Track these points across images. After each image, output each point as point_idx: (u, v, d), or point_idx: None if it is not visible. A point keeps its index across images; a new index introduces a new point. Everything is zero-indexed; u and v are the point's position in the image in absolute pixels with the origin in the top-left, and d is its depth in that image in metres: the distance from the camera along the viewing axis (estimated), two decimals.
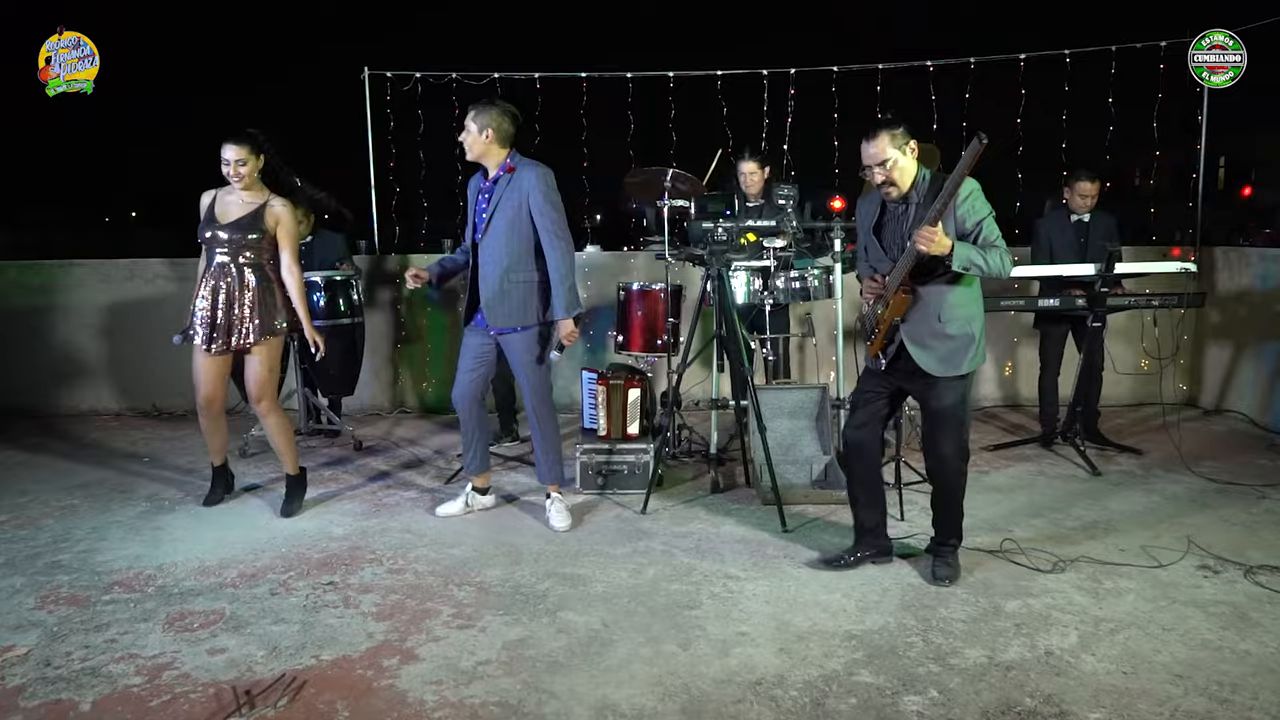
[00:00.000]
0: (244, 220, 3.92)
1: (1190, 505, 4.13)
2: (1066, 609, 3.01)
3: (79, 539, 3.82)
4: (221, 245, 3.91)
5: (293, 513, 4.08)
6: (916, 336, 3.16)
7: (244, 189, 3.93)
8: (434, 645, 2.80)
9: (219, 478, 4.31)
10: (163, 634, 2.90)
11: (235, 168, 3.88)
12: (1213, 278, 6.05)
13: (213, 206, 3.97)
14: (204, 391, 4.01)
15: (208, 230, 3.93)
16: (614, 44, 31.41)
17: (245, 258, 3.93)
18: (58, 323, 6.44)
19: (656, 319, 4.94)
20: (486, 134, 3.71)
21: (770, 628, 2.90)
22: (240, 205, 3.94)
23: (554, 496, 4.00)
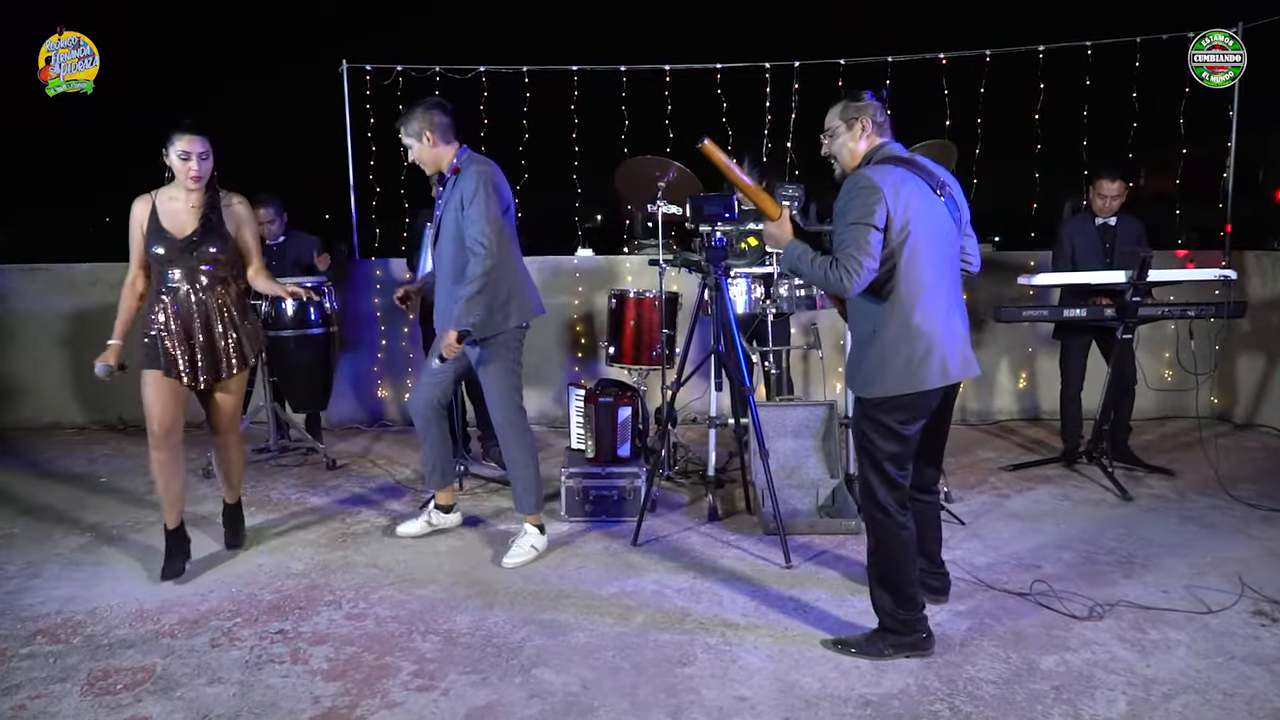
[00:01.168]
0: (203, 230, 3.29)
1: (1234, 536, 3.76)
2: (1110, 667, 2.65)
3: (9, 575, 3.47)
4: (178, 263, 3.28)
5: (241, 543, 3.68)
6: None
7: (192, 190, 3.29)
8: (388, 714, 2.44)
9: (178, 543, 3.46)
10: (80, 698, 2.54)
11: (198, 164, 3.23)
12: (1244, 284, 5.68)
13: (156, 217, 3.28)
14: (163, 420, 3.30)
15: (159, 246, 3.26)
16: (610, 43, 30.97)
17: (210, 275, 3.32)
18: (18, 330, 6.08)
19: (651, 329, 4.59)
20: (426, 137, 3.41)
21: (773, 690, 2.54)
22: (190, 212, 3.30)
23: (527, 529, 3.62)
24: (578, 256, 6.36)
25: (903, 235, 2.55)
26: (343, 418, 6.03)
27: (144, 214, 3.30)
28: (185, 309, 3.30)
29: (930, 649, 2.72)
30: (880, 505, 2.71)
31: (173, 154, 3.23)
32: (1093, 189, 4.73)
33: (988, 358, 5.96)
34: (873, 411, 2.69)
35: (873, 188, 2.53)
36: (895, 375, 2.61)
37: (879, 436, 2.68)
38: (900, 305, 2.60)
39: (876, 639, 2.74)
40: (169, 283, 3.31)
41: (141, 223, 3.30)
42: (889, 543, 2.72)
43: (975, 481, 4.61)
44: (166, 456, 3.35)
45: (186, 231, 3.28)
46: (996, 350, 5.98)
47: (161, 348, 3.29)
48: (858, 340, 2.74)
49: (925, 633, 2.73)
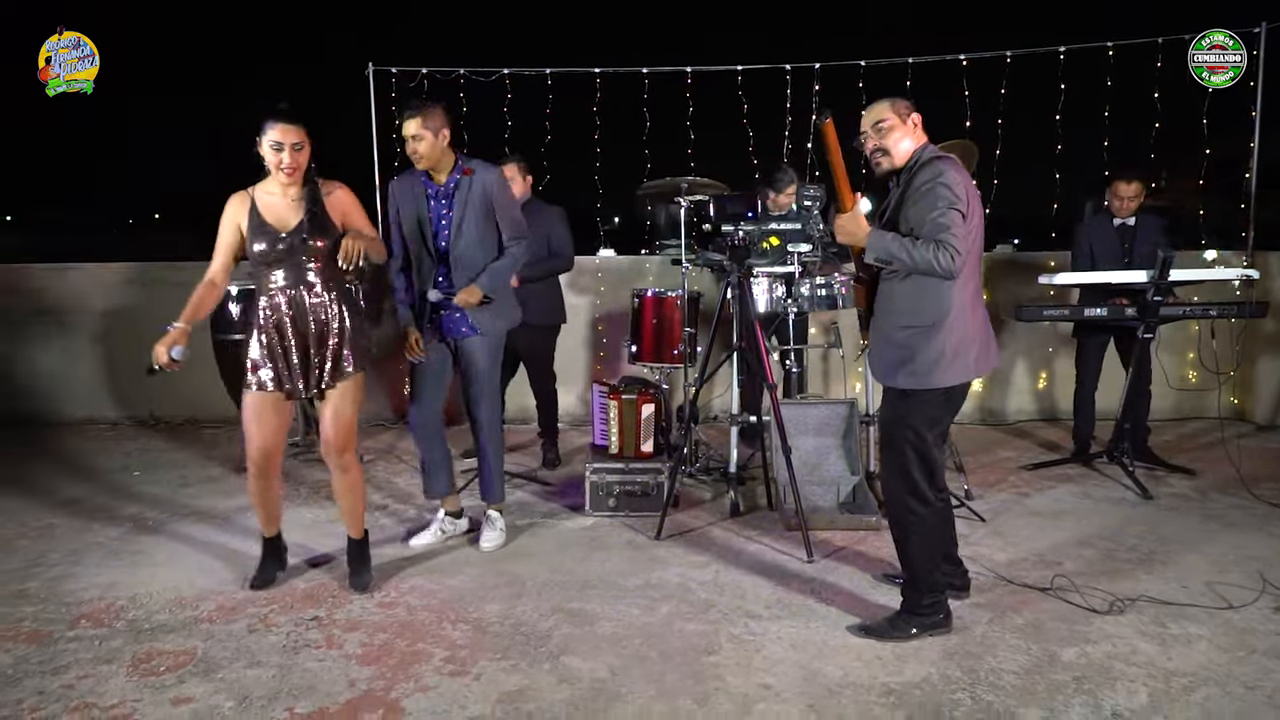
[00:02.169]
0: (309, 224, 3.05)
1: (1256, 534, 3.77)
2: (1131, 659, 2.68)
3: (53, 563, 3.57)
4: (284, 261, 3.03)
5: (366, 585, 3.26)
6: (873, 334, 2.90)
7: (287, 184, 3.06)
8: (422, 696, 2.51)
9: (273, 553, 3.36)
10: (125, 678, 2.63)
11: (290, 155, 2.98)
12: (1268, 284, 5.67)
13: (256, 213, 3.05)
14: (263, 444, 3.09)
15: (261, 243, 3.01)
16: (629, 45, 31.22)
17: (317, 272, 3.06)
18: (51, 328, 6.22)
19: (673, 328, 4.65)
20: (442, 135, 3.47)
21: (797, 678, 2.59)
22: (291, 206, 3.06)
23: (492, 515, 3.78)
24: (599, 257, 6.43)
25: (969, 228, 2.64)
26: (367, 415, 6.13)
27: (242, 211, 3.07)
28: (291, 311, 3.05)
29: (950, 627, 2.83)
30: (923, 498, 2.77)
31: (265, 144, 2.98)
32: (1110, 191, 4.75)
33: (1007, 358, 5.98)
34: (923, 403, 2.74)
35: (956, 180, 2.62)
36: (959, 366, 2.70)
37: (926, 428, 2.75)
38: (961, 297, 2.69)
39: (901, 622, 2.82)
40: (273, 284, 3.05)
41: (238, 220, 3.07)
42: (929, 531, 2.80)
43: (995, 480, 4.63)
44: (263, 484, 3.17)
45: (290, 226, 3.05)
46: (1016, 350, 6.00)
47: (262, 361, 3.06)
48: (910, 332, 2.73)
49: (945, 613, 2.84)
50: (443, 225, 3.56)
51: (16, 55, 6.00)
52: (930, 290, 2.69)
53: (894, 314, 2.79)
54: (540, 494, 4.47)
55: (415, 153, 3.46)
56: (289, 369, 3.04)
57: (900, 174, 2.80)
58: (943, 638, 2.82)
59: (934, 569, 2.83)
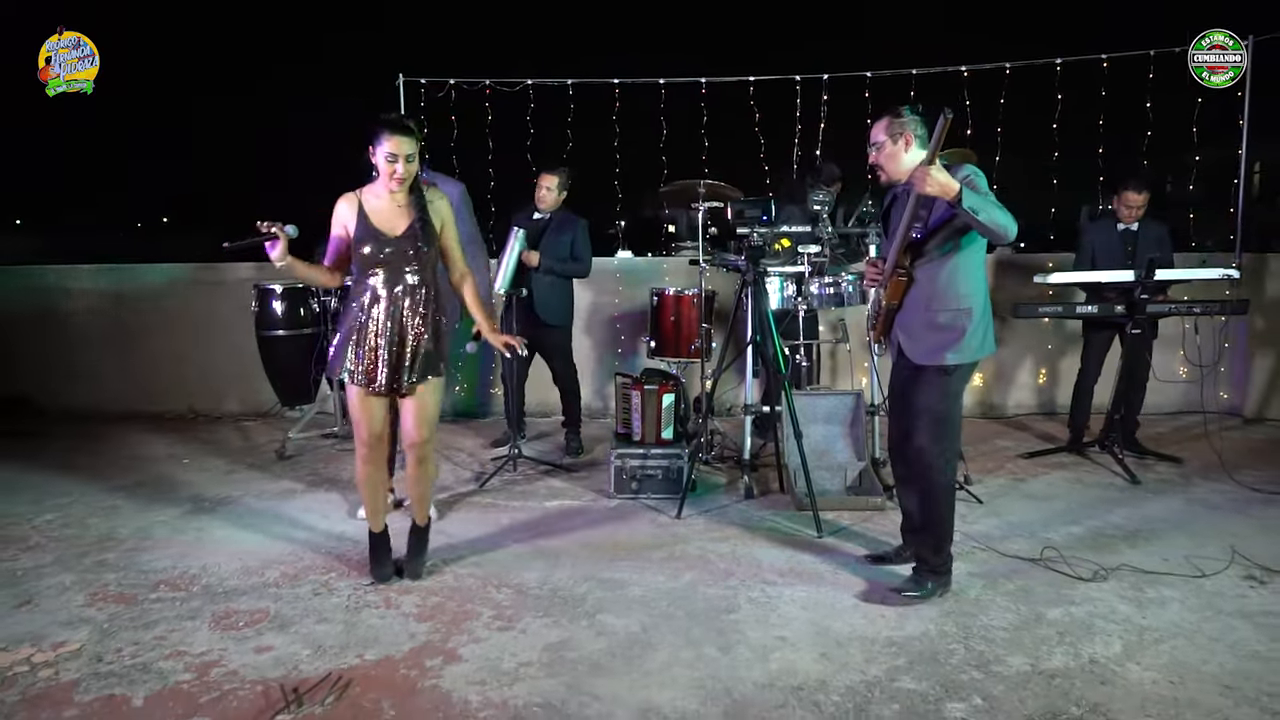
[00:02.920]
0: (418, 229, 3.18)
1: (1233, 514, 4.07)
2: (1110, 618, 2.98)
3: (124, 538, 3.89)
4: (387, 263, 3.17)
5: (419, 573, 3.41)
6: (907, 324, 3.16)
7: (395, 191, 3.17)
8: (475, 646, 2.82)
9: (383, 545, 3.42)
10: (209, 632, 2.95)
11: (403, 166, 3.09)
12: (1257, 284, 5.96)
13: (365, 215, 3.17)
14: (371, 429, 3.23)
15: (368, 246, 3.15)
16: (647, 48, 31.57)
17: (415, 275, 3.20)
18: (91, 326, 6.56)
19: (690, 324, 4.96)
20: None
21: (810, 633, 2.90)
22: (398, 211, 3.19)
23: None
24: (618, 258, 6.74)
25: None
26: None
27: (350, 214, 3.19)
28: (387, 312, 3.18)
29: (950, 586, 3.21)
30: (952, 465, 3.15)
31: (379, 154, 3.09)
32: (1118, 199, 5.02)
33: (1008, 354, 6.28)
34: (962, 377, 3.12)
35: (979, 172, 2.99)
36: (989, 341, 3.11)
37: (956, 401, 3.14)
38: (984, 281, 3.11)
39: (921, 579, 3.18)
40: (372, 284, 3.19)
41: (347, 221, 3.19)
42: (950, 498, 3.17)
43: (993, 467, 4.93)
44: (372, 470, 3.31)
45: (399, 230, 3.18)
46: (1017, 347, 6.29)
47: (362, 356, 3.18)
48: (953, 313, 3.05)
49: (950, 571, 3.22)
50: None
51: (16, 55, 6.05)
52: (965, 275, 3.06)
53: (936, 299, 3.07)
54: (567, 479, 4.78)
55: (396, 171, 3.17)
56: (378, 365, 3.16)
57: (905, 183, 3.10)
58: (939, 600, 3.12)
59: (951, 529, 3.20)
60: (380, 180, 3.16)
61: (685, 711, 2.43)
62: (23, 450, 5.52)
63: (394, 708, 2.46)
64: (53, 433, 5.96)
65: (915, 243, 3.09)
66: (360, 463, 3.29)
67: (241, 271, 6.61)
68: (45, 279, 6.68)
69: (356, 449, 3.28)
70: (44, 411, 6.52)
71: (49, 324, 6.56)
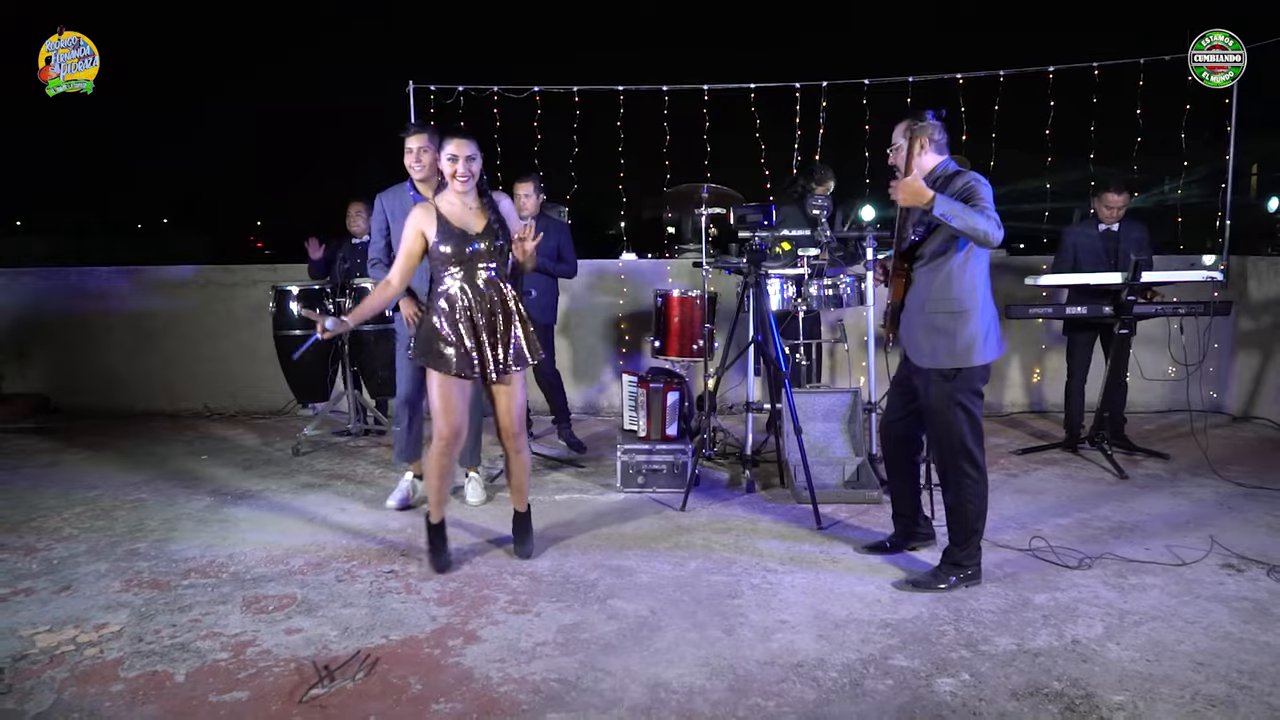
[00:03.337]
0: (492, 228, 3.39)
1: (1215, 508, 4.24)
2: (1093, 602, 3.15)
3: (152, 529, 4.06)
4: (465, 261, 3.36)
5: (531, 552, 3.66)
6: (908, 324, 3.33)
7: (463, 192, 3.40)
8: (494, 628, 2.99)
9: (440, 535, 3.58)
10: (241, 615, 3.12)
11: (464, 165, 3.31)
12: (1243, 286, 6.14)
13: (443, 218, 3.37)
14: (452, 421, 3.40)
15: (447, 245, 3.33)
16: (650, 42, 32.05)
17: (491, 270, 3.40)
18: (114, 325, 6.73)
19: (693, 325, 5.12)
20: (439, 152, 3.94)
21: (809, 616, 3.07)
22: (471, 212, 3.40)
23: (473, 476, 4.48)
24: (622, 260, 6.91)
25: None
26: None
27: (428, 219, 3.36)
28: (470, 305, 3.36)
29: (980, 581, 3.32)
30: (976, 463, 3.27)
31: (442, 157, 3.34)
32: (1099, 200, 5.21)
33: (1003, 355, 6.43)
34: (967, 379, 3.24)
35: (986, 182, 3.17)
36: (992, 344, 3.26)
37: (971, 401, 3.25)
38: (985, 287, 3.26)
39: (945, 573, 3.30)
40: (452, 281, 3.37)
41: (423, 228, 3.36)
42: (984, 493, 3.30)
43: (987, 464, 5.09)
44: (448, 462, 3.48)
45: (476, 230, 3.38)
46: (1010, 348, 6.46)
47: (448, 346, 3.35)
48: (949, 315, 3.20)
49: (977, 568, 3.33)
50: None
51: (16, 55, 6.13)
52: (960, 279, 3.21)
53: (931, 302, 3.24)
54: (573, 474, 4.95)
55: (420, 164, 3.93)
56: (466, 355, 3.35)
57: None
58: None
59: (982, 530, 3.31)
60: (446, 181, 3.39)
61: (693, 686, 2.60)
62: (46, 447, 5.70)
63: (420, 682, 2.63)
64: (73, 430, 6.13)
65: (914, 244, 3.27)
66: (436, 455, 3.43)
67: (255, 273, 6.79)
68: (67, 280, 6.85)
69: (435, 441, 3.43)
70: (62, 410, 6.70)
71: (67, 324, 6.74)
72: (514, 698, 2.54)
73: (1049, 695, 2.52)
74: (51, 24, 5.53)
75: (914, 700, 2.51)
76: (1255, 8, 7.42)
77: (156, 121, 50.36)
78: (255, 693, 2.58)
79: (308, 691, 2.57)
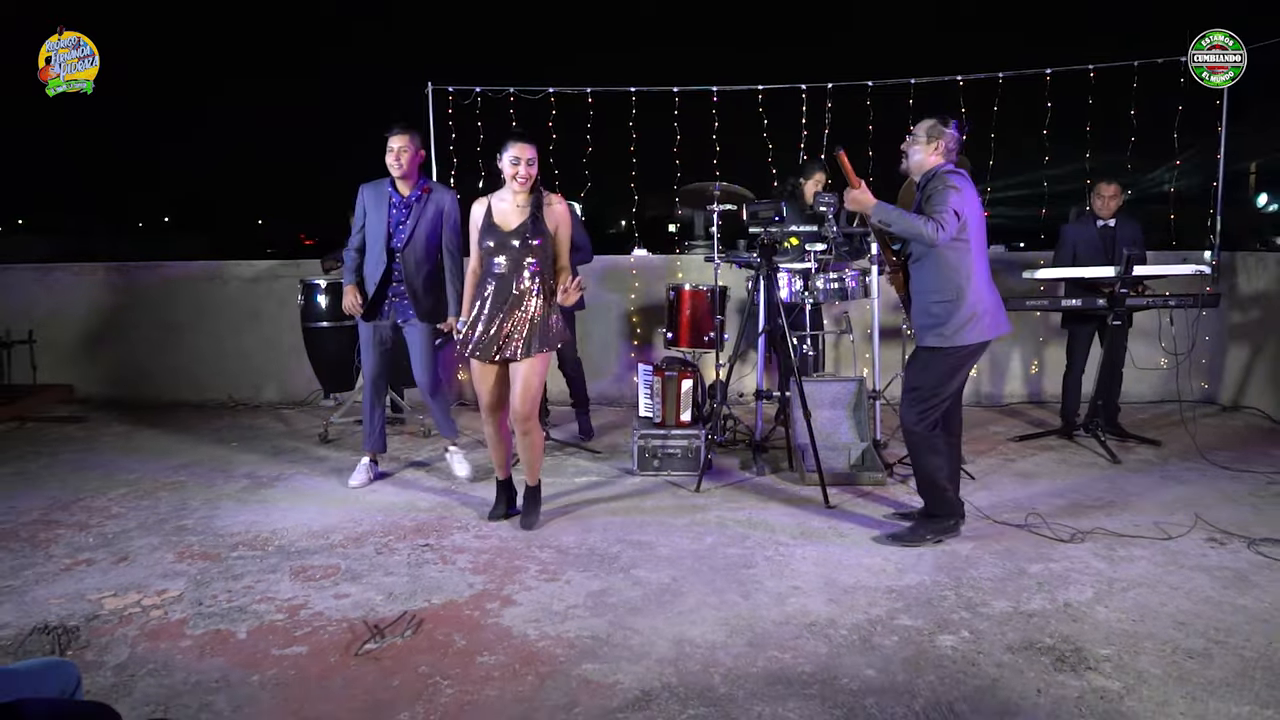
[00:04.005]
0: (525, 225, 3.71)
1: (1203, 489, 4.47)
2: (1084, 571, 3.38)
3: (195, 508, 4.29)
4: (506, 254, 3.70)
5: (532, 524, 3.94)
6: (914, 310, 3.71)
7: (519, 191, 3.71)
8: (528, 593, 3.23)
9: (504, 492, 4.09)
10: (291, 582, 3.35)
11: (525, 169, 3.64)
12: (1233, 280, 6.37)
13: (490, 215, 3.75)
14: (488, 400, 3.84)
15: (489, 240, 3.71)
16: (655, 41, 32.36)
17: (531, 267, 3.72)
18: (141, 319, 6.96)
19: (704, 317, 5.35)
20: (419, 155, 4.41)
21: (820, 583, 3.30)
22: (516, 211, 3.73)
23: (454, 449, 4.85)
24: (634, 256, 7.14)
25: (966, 222, 3.49)
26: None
27: (480, 213, 3.77)
28: (502, 294, 3.72)
29: (959, 531, 3.68)
30: (930, 426, 3.63)
31: (505, 159, 3.65)
32: (1094, 194, 5.45)
33: (1002, 347, 6.68)
34: (944, 358, 3.57)
35: (955, 185, 3.49)
36: (977, 328, 3.54)
37: (945, 379, 3.60)
38: (972, 274, 3.55)
39: (919, 528, 3.65)
40: (494, 271, 3.73)
41: (477, 221, 3.78)
42: (933, 452, 3.63)
43: (986, 449, 5.33)
44: (492, 430, 3.95)
45: (512, 226, 3.71)
46: (1010, 340, 6.68)
47: (481, 332, 3.73)
48: (937, 303, 3.55)
49: (955, 519, 3.67)
50: (400, 229, 4.45)
51: (16, 55, 6.12)
52: (947, 271, 3.55)
53: (925, 291, 3.64)
54: (591, 459, 5.18)
55: (399, 163, 4.33)
56: (488, 341, 3.72)
57: (920, 183, 3.66)
58: (933, 557, 3.53)
59: (940, 482, 3.63)
60: (506, 181, 3.72)
61: (715, 642, 2.83)
62: (82, 436, 5.92)
63: (464, 639, 2.86)
64: (104, 420, 6.36)
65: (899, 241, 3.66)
66: (485, 426, 3.97)
67: (278, 269, 7.02)
68: (96, 275, 7.08)
69: (483, 415, 3.93)
70: (89, 400, 6.92)
71: (96, 318, 6.96)
72: (551, 651, 2.77)
73: (1041, 649, 2.75)
74: (51, 24, 5.59)
75: (918, 653, 2.74)
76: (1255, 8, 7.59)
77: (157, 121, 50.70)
78: (313, 647, 2.82)
79: (362, 646, 2.80)
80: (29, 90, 5.65)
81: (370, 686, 2.58)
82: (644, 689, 2.55)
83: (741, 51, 58.47)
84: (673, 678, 2.61)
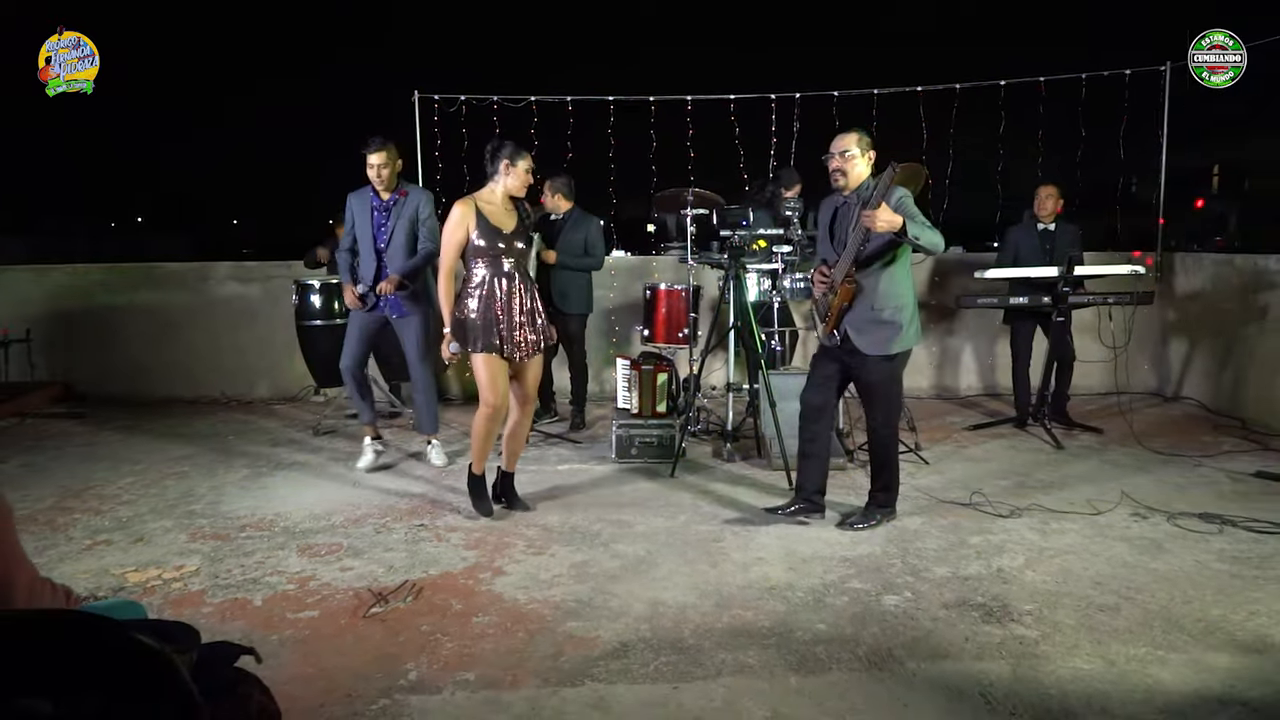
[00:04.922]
0: (522, 226, 4.01)
1: (1134, 471, 4.87)
2: (1018, 542, 3.76)
3: (201, 494, 4.58)
4: (505, 255, 3.92)
5: (529, 506, 4.24)
6: (855, 321, 3.86)
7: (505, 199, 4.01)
8: (517, 565, 3.55)
9: (483, 485, 4.21)
10: (298, 558, 3.65)
11: (529, 177, 4.02)
12: (1172, 280, 6.81)
13: (485, 218, 3.91)
14: (498, 393, 3.96)
15: (486, 240, 3.88)
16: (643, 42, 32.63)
17: (519, 266, 3.99)
18: (136, 319, 7.19)
19: (679, 315, 5.69)
20: (397, 165, 4.79)
21: (780, 554, 3.65)
22: (506, 214, 3.99)
23: (434, 443, 5.21)
24: (613, 256, 7.46)
25: None
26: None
27: (470, 216, 3.89)
28: (515, 292, 3.94)
29: (894, 517, 4.04)
30: (895, 429, 3.98)
31: (519, 167, 3.96)
32: (1035, 198, 5.85)
33: (958, 341, 7.08)
34: (903, 361, 3.92)
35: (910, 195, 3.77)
36: (919, 333, 3.91)
37: (899, 381, 3.98)
38: (913, 283, 3.89)
39: (871, 512, 4.00)
40: (504, 270, 3.92)
41: (467, 223, 3.88)
42: (896, 452, 4.02)
43: (941, 437, 5.72)
44: (493, 426, 4.04)
45: (509, 228, 3.95)
46: (966, 335, 7.09)
47: (494, 330, 3.89)
48: (893, 310, 3.79)
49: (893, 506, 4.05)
50: (381, 231, 4.86)
51: (16, 55, 6.18)
52: (900, 280, 3.84)
53: (880, 298, 3.79)
54: (572, 448, 5.51)
55: (380, 178, 4.76)
56: (500, 337, 3.91)
57: (857, 192, 3.84)
58: (884, 531, 3.89)
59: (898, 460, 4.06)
60: (513, 186, 4.00)
61: (685, 603, 3.17)
62: (81, 430, 6.17)
63: (460, 603, 3.18)
64: (104, 415, 6.60)
65: (864, 256, 3.84)
66: (484, 420, 4.00)
67: (270, 269, 7.29)
68: (90, 276, 7.31)
69: (482, 409, 3.98)
70: (87, 397, 7.15)
71: (91, 318, 7.19)
72: (539, 612, 3.10)
73: (972, 605, 3.12)
74: (51, 24, 5.65)
75: (865, 611, 3.10)
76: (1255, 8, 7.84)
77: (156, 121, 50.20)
78: (324, 612, 3.13)
79: (369, 609, 3.12)
80: (29, 90, 5.72)
81: (379, 643, 2.90)
82: (622, 641, 2.88)
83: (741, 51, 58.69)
84: (647, 632, 2.95)
